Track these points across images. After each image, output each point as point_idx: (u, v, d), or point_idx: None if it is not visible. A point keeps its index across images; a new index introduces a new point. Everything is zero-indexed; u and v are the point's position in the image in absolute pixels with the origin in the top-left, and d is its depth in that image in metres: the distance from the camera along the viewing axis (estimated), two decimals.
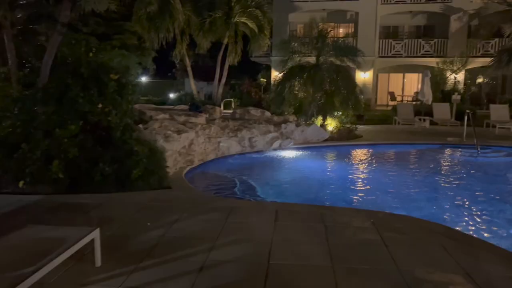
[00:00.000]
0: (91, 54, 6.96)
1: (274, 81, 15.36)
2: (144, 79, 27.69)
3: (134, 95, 7.25)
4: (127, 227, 4.67)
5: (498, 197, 7.34)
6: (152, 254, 3.90)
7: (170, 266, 3.67)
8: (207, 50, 21.70)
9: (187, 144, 8.32)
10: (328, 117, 13.26)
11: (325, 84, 13.17)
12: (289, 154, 10.86)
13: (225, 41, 20.71)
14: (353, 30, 26.17)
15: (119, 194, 6.00)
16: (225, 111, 16.45)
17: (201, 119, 9.71)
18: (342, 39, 21.86)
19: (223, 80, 21.74)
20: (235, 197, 6.95)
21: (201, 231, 4.52)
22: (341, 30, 27.11)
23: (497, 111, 15.35)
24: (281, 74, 14.18)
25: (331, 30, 15.48)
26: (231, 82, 28.10)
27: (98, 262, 3.60)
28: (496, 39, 23.03)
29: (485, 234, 5.53)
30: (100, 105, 6.45)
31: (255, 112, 12.46)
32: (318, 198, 7.16)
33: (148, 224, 4.69)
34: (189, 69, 22.12)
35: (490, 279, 3.48)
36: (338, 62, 13.70)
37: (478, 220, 6.22)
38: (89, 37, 8.20)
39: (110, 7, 6.34)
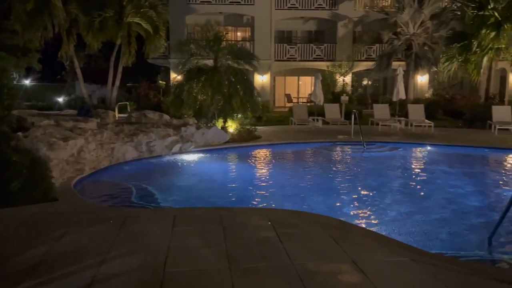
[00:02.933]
0: None
1: (173, 83, 15.04)
2: (27, 82, 25.13)
3: (12, 100, 6.53)
4: (3, 246, 4.18)
5: (381, 188, 8.07)
6: (33, 274, 3.53)
7: (55, 285, 3.36)
8: (100, 51, 20.48)
9: (76, 152, 7.73)
10: (228, 119, 13.38)
11: (224, 86, 13.28)
12: (190, 157, 10.71)
13: (118, 41, 19.74)
14: (250, 34, 26.79)
15: None
16: (120, 115, 15.62)
17: (92, 124, 9.10)
18: (239, 42, 22.33)
19: (117, 82, 20.69)
20: (130, 206, 6.63)
21: (91, 245, 4.22)
22: (238, 33, 27.60)
23: (380, 110, 16.89)
24: (180, 76, 13.94)
25: (227, 33, 15.66)
26: (128, 85, 26.87)
27: None
28: (377, 45, 25.38)
29: (370, 222, 6.03)
30: None
31: (152, 115, 12.05)
32: (220, 201, 7.16)
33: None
34: (78, 71, 20.59)
35: (372, 264, 3.79)
36: (235, 65, 13.91)
37: (364, 209, 6.77)
38: None
39: None
